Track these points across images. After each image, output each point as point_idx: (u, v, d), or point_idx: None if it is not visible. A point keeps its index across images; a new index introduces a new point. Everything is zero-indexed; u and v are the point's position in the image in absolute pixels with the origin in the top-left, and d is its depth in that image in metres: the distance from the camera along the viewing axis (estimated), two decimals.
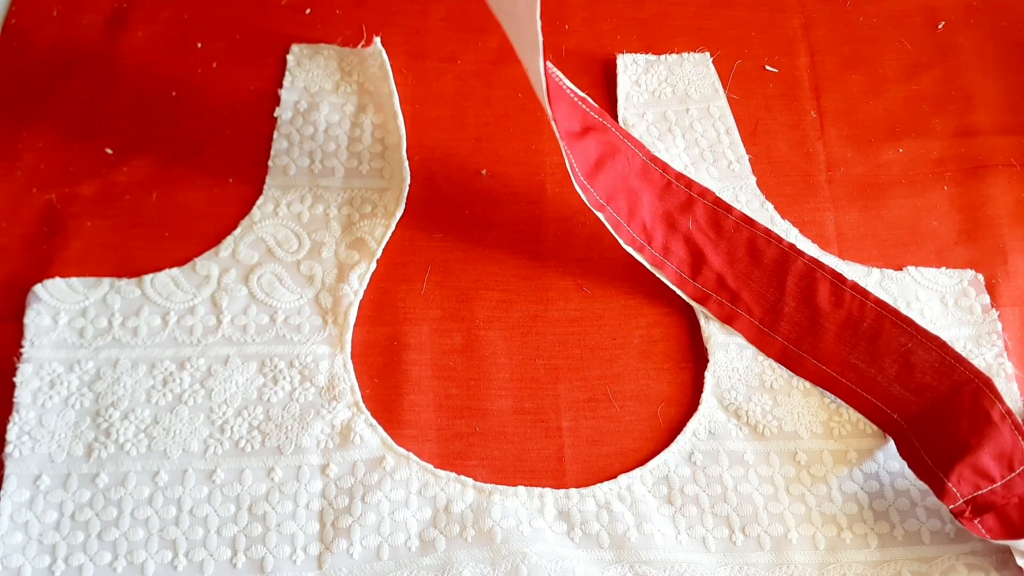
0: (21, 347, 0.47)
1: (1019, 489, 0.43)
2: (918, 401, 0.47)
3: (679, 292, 0.50)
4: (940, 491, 0.43)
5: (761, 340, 0.49)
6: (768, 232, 0.50)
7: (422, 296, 0.50)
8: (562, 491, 0.45)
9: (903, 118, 0.57)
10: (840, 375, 0.48)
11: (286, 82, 0.56)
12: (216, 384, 0.47)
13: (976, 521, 0.43)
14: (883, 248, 0.53)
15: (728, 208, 0.51)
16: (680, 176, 0.52)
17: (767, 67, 0.58)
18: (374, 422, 0.46)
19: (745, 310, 0.49)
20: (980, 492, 0.43)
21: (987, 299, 0.51)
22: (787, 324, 0.49)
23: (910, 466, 0.45)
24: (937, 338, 0.47)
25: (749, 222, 0.50)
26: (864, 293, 0.49)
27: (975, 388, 0.45)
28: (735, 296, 0.50)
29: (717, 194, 0.51)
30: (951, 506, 0.43)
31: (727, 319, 0.49)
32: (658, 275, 0.50)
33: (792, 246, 0.50)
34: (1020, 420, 0.46)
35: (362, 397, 0.47)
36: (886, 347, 0.48)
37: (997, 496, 0.43)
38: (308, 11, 0.58)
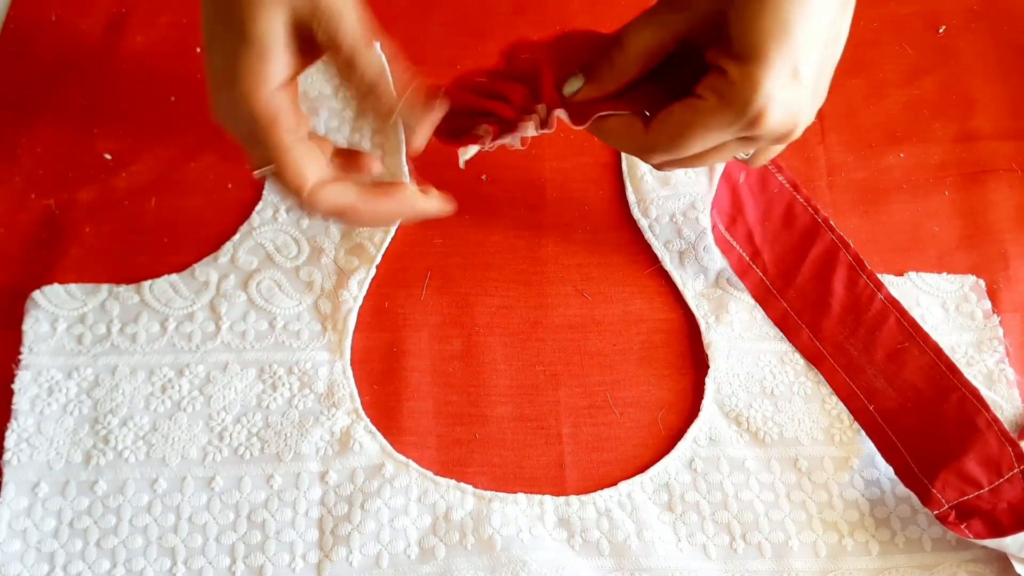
0: (19, 354, 0.47)
1: (1007, 495, 0.43)
2: (897, 398, 0.47)
3: (711, 239, 0.51)
4: (925, 498, 0.44)
5: (766, 299, 0.50)
6: (809, 200, 0.51)
7: (422, 302, 0.50)
8: (562, 498, 0.45)
9: (904, 123, 0.56)
10: (830, 354, 0.48)
11: None
12: (215, 391, 0.47)
13: (963, 526, 0.43)
14: (884, 253, 0.52)
15: (779, 167, 0.52)
16: None
17: None
18: (373, 429, 0.46)
19: (760, 267, 0.50)
20: (966, 498, 0.43)
21: (988, 305, 0.51)
22: (795, 292, 0.50)
23: (896, 472, 0.45)
24: (935, 344, 0.47)
25: (795, 186, 0.52)
26: (879, 285, 0.49)
27: (961, 396, 0.46)
28: (756, 252, 0.50)
29: None
30: (935, 511, 0.43)
31: (741, 273, 0.50)
32: (704, 217, 0.51)
33: (827, 219, 0.51)
34: (1021, 426, 0.46)
35: (361, 404, 0.47)
36: (883, 341, 0.48)
37: (983, 501, 0.43)
38: None
